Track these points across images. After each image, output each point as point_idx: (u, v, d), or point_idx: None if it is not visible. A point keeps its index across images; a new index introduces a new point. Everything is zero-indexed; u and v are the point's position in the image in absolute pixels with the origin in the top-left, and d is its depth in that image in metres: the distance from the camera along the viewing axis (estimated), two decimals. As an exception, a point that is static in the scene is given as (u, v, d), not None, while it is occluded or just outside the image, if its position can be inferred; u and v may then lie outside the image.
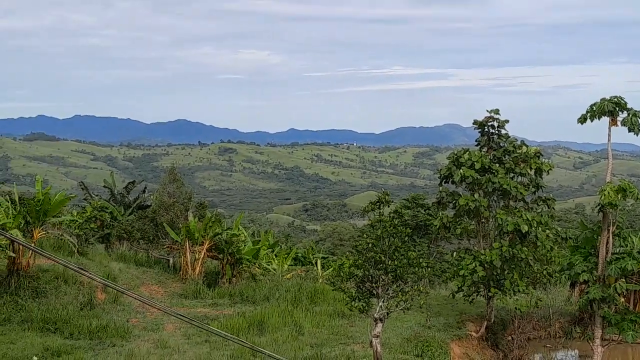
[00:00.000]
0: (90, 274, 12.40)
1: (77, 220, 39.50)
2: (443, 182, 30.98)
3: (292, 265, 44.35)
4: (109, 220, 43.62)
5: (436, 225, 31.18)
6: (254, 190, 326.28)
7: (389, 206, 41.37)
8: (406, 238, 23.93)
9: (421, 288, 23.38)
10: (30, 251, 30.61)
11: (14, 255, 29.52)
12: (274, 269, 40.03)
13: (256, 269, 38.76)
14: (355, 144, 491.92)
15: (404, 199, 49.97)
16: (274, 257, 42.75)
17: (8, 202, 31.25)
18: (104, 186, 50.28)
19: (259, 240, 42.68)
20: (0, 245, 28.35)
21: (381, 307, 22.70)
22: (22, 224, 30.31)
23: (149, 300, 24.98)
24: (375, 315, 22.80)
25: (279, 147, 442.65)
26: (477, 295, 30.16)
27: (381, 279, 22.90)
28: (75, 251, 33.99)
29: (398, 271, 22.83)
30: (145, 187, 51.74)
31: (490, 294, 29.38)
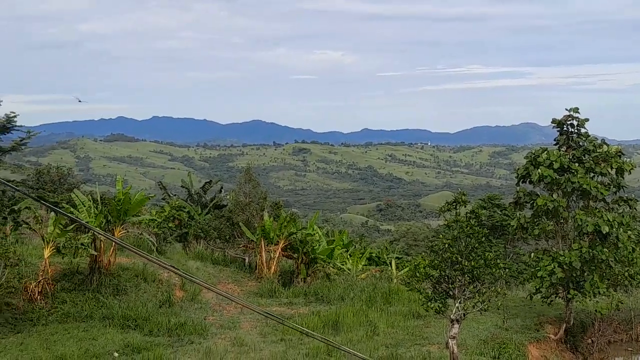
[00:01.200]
0: (183, 273, 12.65)
1: (155, 220, 40.26)
2: (520, 182, 30.48)
3: (366, 265, 44.31)
4: (186, 220, 44.34)
5: (513, 226, 30.70)
6: (327, 190, 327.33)
7: (465, 206, 40.84)
8: (483, 238, 23.66)
9: (498, 289, 23.06)
10: (112, 249, 31.41)
11: (95, 253, 30.31)
12: (349, 269, 40.07)
13: (331, 268, 38.87)
14: (429, 144, 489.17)
15: (480, 199, 49.35)
16: (349, 256, 42.79)
17: (90, 201, 32.12)
18: (182, 186, 51.14)
19: (334, 240, 42.80)
20: (83, 244, 29.12)
21: (458, 308, 22.48)
22: (103, 223, 31.12)
23: (240, 300, 25.33)
24: (451, 316, 22.59)
25: (352, 147, 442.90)
26: (555, 297, 29.57)
27: (458, 280, 22.70)
28: (154, 250, 34.68)
29: (475, 272, 22.59)
30: (222, 187, 52.38)
31: (569, 295, 28.76)
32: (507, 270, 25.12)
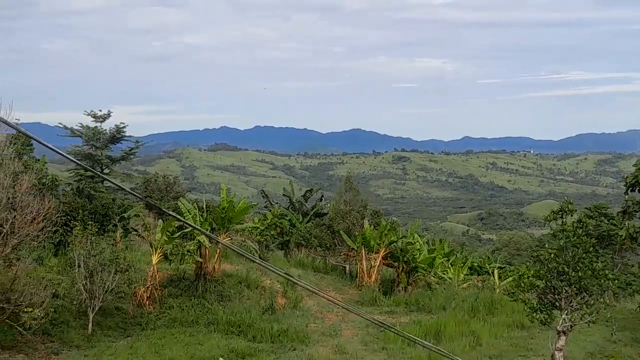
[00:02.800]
0: (299, 281, 12.93)
1: (258, 227, 40.92)
2: (629, 191, 29.61)
3: (467, 274, 43.80)
4: (288, 228, 44.87)
5: (621, 236, 29.86)
6: (427, 199, 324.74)
7: (571, 215, 39.82)
8: (590, 248, 23.04)
9: (607, 301, 22.39)
10: (216, 256, 32.12)
11: (201, 260, 31.04)
12: (450, 278, 39.69)
13: (432, 277, 38.61)
14: (532, 152, 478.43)
15: (586, 208, 48.08)
16: (450, 266, 42.40)
17: (196, 209, 32.95)
18: (283, 194, 51.78)
19: (434, 249, 42.49)
20: (189, 251, 29.88)
21: (564, 319, 21.96)
22: (208, 230, 31.85)
23: (357, 310, 25.46)
24: (558, 327, 22.08)
25: (453, 155, 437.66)
26: (667, 309, 28.50)
27: (564, 291, 22.17)
28: (257, 257, 35.20)
29: (582, 283, 22.01)
30: (322, 196, 52.73)
31: (682, 308, 27.68)
32: (615, 281, 24.31)
